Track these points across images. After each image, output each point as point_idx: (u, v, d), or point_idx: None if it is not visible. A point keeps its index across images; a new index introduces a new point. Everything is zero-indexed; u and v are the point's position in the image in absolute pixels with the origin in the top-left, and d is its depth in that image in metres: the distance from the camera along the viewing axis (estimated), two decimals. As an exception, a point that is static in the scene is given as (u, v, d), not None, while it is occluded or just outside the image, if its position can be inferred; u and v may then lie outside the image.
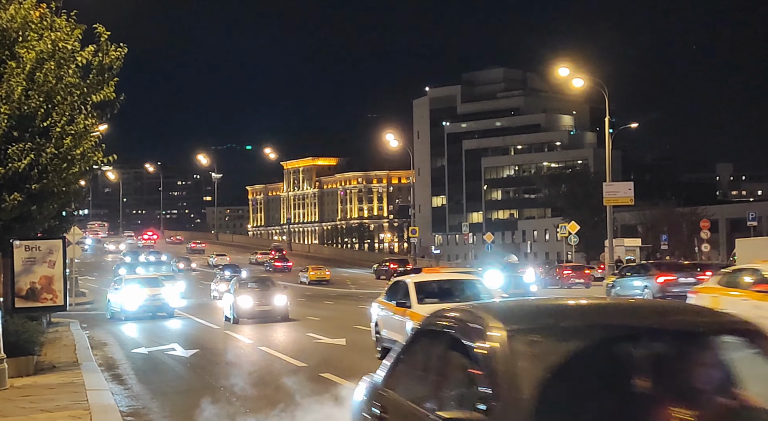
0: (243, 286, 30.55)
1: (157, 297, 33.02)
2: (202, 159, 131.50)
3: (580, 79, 50.58)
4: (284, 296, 29.99)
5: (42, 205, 15.03)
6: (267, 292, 30.00)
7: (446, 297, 15.94)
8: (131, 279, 35.61)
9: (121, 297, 33.01)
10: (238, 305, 29.07)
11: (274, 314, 29.21)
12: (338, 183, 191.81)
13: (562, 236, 59.85)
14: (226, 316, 30.12)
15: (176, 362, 18.35)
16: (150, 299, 32.81)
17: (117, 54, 15.35)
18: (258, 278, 35.75)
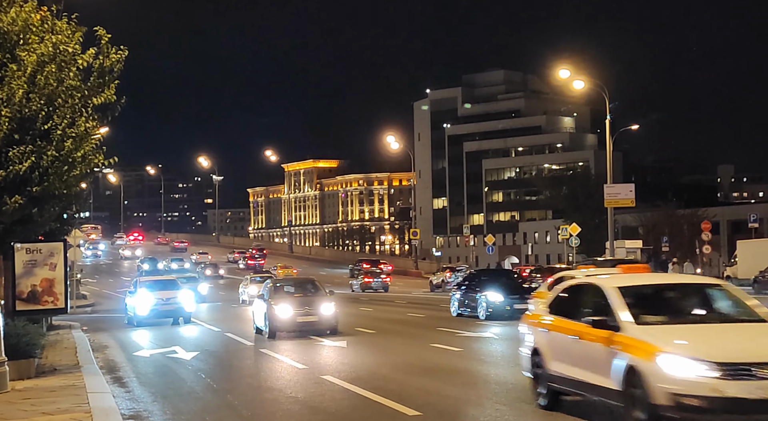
0: (279, 290, 25.21)
1: (171, 301, 30.40)
2: (203, 161, 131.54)
3: (581, 81, 50.58)
4: (332, 304, 23.93)
5: (43, 208, 15.04)
6: (310, 298, 24.42)
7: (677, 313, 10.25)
8: (145, 281, 33.08)
9: (134, 301, 30.92)
10: (274, 315, 23.19)
11: (321, 327, 23.42)
12: (339, 185, 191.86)
13: (563, 237, 59.78)
14: (257, 327, 24.66)
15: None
16: (162, 302, 30.29)
17: (117, 56, 15.37)
18: (298, 280, 30.52)
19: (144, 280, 33.43)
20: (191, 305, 31.56)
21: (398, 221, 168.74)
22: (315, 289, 25.72)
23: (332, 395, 12.92)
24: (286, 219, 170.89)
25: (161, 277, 42.98)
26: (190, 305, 31.17)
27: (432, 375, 14.74)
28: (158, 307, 30.27)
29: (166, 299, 30.39)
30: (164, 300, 30.38)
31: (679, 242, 65.09)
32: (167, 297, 30.47)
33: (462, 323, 26.58)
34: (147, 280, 33.65)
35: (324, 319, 23.49)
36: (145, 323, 29.89)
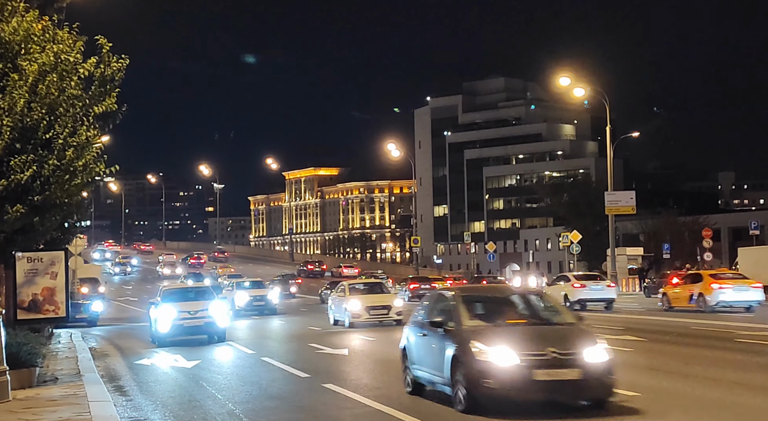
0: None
1: (199, 314, 24.98)
2: (204, 170, 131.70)
3: (581, 89, 50.67)
4: None
5: (44, 217, 15.05)
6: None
7: None
8: (170, 290, 27.96)
9: (156, 314, 25.49)
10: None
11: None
12: (340, 193, 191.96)
13: (564, 245, 59.77)
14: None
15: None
16: (189, 316, 24.85)
17: (119, 65, 15.41)
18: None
19: (169, 288, 28.40)
20: (224, 319, 25.80)
21: (399, 229, 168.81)
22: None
23: (335, 404, 12.87)
24: (287, 227, 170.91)
25: (190, 284, 41.37)
26: (223, 320, 25.52)
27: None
28: (183, 322, 24.80)
29: (193, 312, 24.96)
30: (191, 313, 24.94)
31: (681, 249, 65.05)
32: (195, 310, 25.04)
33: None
34: (172, 288, 28.87)
35: None
36: (168, 342, 24.53)
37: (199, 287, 29.61)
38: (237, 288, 40.27)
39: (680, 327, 25.11)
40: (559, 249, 76.79)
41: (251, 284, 43.18)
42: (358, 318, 29.22)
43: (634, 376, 14.22)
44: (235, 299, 38.63)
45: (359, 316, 29.23)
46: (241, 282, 43.70)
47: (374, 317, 29.27)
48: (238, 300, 38.44)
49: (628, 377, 14.25)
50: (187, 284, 41.99)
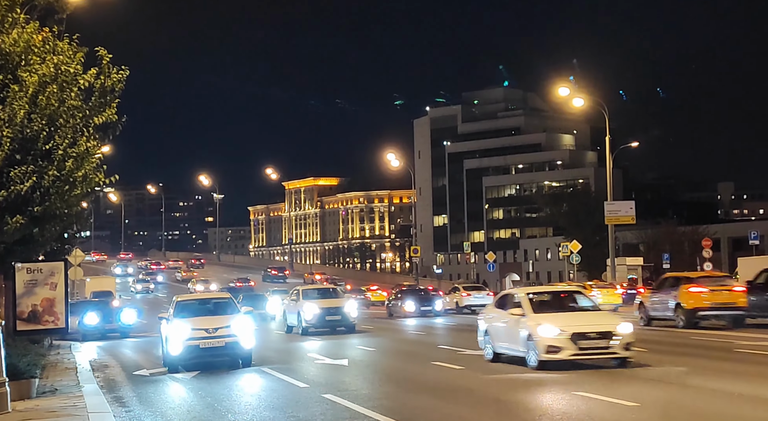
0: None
1: (220, 332, 20.05)
2: (203, 180, 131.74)
3: (581, 99, 50.74)
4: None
5: (44, 228, 15.08)
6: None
7: None
8: (184, 302, 22.16)
9: (167, 331, 20.57)
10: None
11: None
12: (340, 203, 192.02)
13: (563, 254, 59.76)
14: None
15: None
16: (207, 335, 19.92)
17: (119, 76, 15.47)
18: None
19: (182, 300, 22.54)
20: (250, 338, 20.37)
21: (399, 239, 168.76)
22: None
23: (334, 414, 12.85)
24: (287, 237, 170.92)
25: (206, 295, 35.90)
26: (248, 339, 20.24)
27: (433, 393, 14.68)
28: (199, 343, 19.83)
29: (212, 329, 20.04)
30: (209, 332, 19.98)
31: (680, 259, 65.05)
32: (214, 326, 20.10)
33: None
34: (186, 300, 23.01)
35: None
36: (180, 366, 19.96)
37: (219, 299, 23.05)
38: (304, 297, 32.76)
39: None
40: (559, 259, 76.79)
41: (321, 292, 34.91)
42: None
43: (634, 386, 14.20)
44: (303, 312, 31.67)
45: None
46: (308, 290, 35.12)
47: None
48: (307, 313, 31.53)
49: (628, 387, 14.21)
50: (203, 295, 36.78)
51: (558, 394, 13.79)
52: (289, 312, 33.79)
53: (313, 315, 31.35)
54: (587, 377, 15.41)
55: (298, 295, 33.29)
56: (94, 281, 60.40)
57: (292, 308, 33.29)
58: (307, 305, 31.76)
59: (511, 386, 14.85)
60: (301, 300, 32.39)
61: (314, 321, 31.36)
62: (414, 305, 43.49)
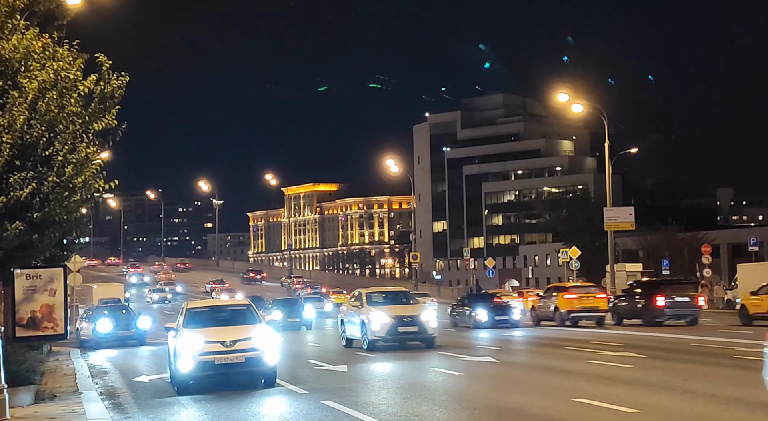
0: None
1: (239, 345, 16.84)
2: (203, 186, 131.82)
3: (580, 105, 50.78)
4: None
5: (43, 234, 15.09)
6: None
7: None
8: (196, 310, 18.65)
9: (175, 345, 17.46)
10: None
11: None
12: (339, 209, 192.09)
13: (563, 260, 59.74)
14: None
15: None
16: (223, 349, 16.75)
17: (118, 83, 15.49)
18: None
19: (194, 307, 18.94)
20: (274, 353, 17.25)
21: (398, 245, 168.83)
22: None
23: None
24: (286, 243, 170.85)
25: (221, 302, 30.06)
26: (272, 353, 17.14)
27: (432, 399, 14.64)
28: (214, 358, 16.73)
29: (229, 342, 16.83)
30: (226, 345, 16.79)
31: (680, 265, 65.01)
32: (232, 338, 16.93)
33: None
34: (198, 307, 19.14)
35: None
36: (192, 387, 16.89)
37: (236, 306, 19.66)
38: (369, 302, 26.24)
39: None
40: (558, 265, 76.75)
41: (390, 296, 27.31)
42: None
43: (634, 392, 14.20)
44: (369, 322, 25.04)
45: None
46: (373, 293, 27.71)
47: None
48: (374, 323, 24.91)
49: (628, 393, 14.21)
50: (218, 302, 30.48)
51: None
52: (349, 321, 27.09)
53: (382, 326, 24.77)
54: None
55: (361, 299, 26.66)
56: (101, 288, 59.46)
57: (352, 316, 26.62)
58: (375, 313, 25.12)
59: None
60: (365, 306, 25.97)
61: (384, 333, 24.73)
62: (487, 313, 37.10)
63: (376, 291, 28.41)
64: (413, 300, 27.71)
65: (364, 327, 25.28)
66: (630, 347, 24.01)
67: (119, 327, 33.26)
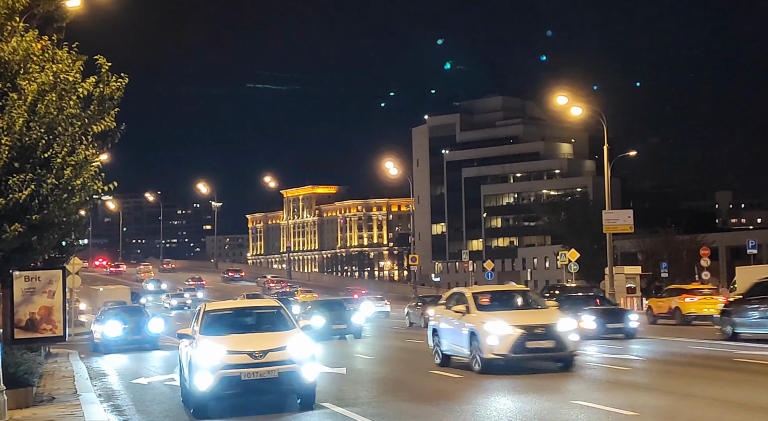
0: None
1: (270, 356, 13.83)
2: (202, 188, 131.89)
3: (579, 108, 50.79)
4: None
5: (42, 236, 15.09)
6: None
7: None
8: (216, 313, 15.58)
9: (192, 357, 14.33)
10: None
11: None
12: (338, 211, 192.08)
13: (562, 263, 59.77)
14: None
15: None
16: (252, 362, 13.72)
17: (118, 84, 15.50)
18: None
19: (214, 310, 15.78)
20: (313, 366, 14.24)
21: (397, 247, 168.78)
22: None
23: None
24: (285, 245, 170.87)
25: (246, 302, 22.08)
26: (311, 367, 14.14)
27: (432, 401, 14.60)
28: (240, 372, 13.70)
29: (259, 353, 13.77)
30: (255, 356, 13.75)
31: (679, 267, 65.08)
32: (262, 348, 13.87)
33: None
34: (219, 309, 15.97)
35: None
36: (211, 410, 14.02)
37: (264, 308, 16.30)
38: (479, 307, 19.34)
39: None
40: (557, 268, 76.82)
41: (505, 298, 20.81)
42: None
43: (633, 396, 14.19)
44: (484, 334, 18.25)
45: None
46: (481, 293, 20.50)
47: None
48: (492, 336, 18.14)
49: (627, 397, 14.20)
50: (242, 302, 22.62)
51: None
52: (448, 331, 20.20)
53: (503, 339, 17.96)
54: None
55: (465, 302, 19.55)
56: (107, 291, 58.64)
57: (454, 325, 19.70)
58: (493, 322, 18.23)
59: None
60: (473, 311, 19.08)
61: (506, 350, 17.94)
62: (596, 321, 28.42)
63: (486, 291, 21.17)
64: (540, 303, 20.18)
65: (475, 341, 18.39)
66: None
67: (130, 331, 31.69)
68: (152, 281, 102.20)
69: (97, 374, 22.41)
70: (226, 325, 14.99)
